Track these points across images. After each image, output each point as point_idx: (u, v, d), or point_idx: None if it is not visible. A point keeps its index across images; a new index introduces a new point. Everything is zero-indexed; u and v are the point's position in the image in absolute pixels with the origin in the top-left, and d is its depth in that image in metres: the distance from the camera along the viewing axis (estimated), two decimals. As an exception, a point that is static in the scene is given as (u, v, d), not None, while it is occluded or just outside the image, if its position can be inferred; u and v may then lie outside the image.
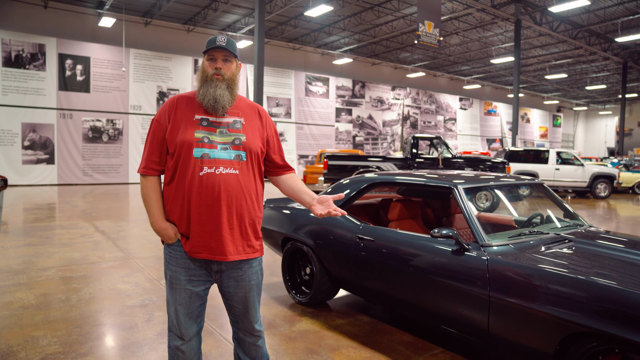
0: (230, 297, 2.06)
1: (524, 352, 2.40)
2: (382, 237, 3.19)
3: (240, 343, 2.19)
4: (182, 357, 2.07)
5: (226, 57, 2.01)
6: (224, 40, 1.99)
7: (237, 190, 1.96)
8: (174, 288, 2.02)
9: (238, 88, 2.07)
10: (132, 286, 4.39)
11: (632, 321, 1.97)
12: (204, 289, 2.05)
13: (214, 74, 1.98)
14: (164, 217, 2.01)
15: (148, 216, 2.01)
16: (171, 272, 2.03)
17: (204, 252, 1.96)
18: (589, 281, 2.19)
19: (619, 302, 2.04)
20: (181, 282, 2.01)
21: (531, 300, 2.31)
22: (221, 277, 2.03)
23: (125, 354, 2.92)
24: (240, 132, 2.02)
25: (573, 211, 3.53)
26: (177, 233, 2.00)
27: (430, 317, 2.93)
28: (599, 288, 2.14)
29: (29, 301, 3.87)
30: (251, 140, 2.03)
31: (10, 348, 2.95)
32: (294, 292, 3.98)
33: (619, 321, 2.01)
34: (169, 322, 2.07)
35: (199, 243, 1.95)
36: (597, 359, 2.12)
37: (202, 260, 2.00)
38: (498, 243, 2.67)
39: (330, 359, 2.92)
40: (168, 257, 2.05)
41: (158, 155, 2.02)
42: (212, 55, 2.01)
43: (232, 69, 2.03)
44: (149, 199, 2.02)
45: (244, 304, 2.07)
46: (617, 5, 17.10)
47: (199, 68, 2.07)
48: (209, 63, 2.01)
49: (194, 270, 2.01)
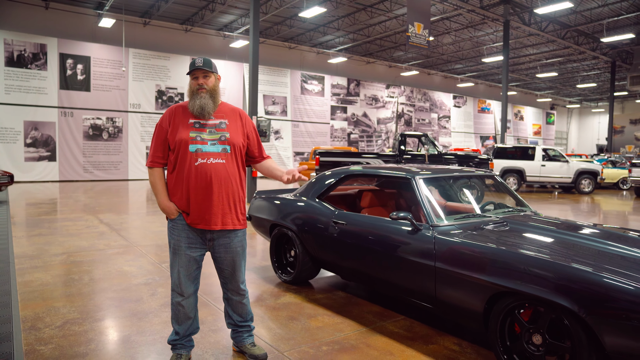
0: (221, 261, 2.65)
1: (462, 312, 2.93)
2: (352, 221, 3.72)
3: (229, 302, 2.77)
4: (183, 311, 2.63)
5: (205, 74, 2.60)
6: (201, 62, 2.58)
7: (224, 176, 2.55)
8: (177, 253, 2.60)
9: (220, 96, 2.67)
10: (136, 269, 4.92)
11: (538, 281, 2.50)
12: (199, 254, 2.64)
13: (198, 88, 2.57)
14: (168, 198, 2.59)
15: (156, 198, 2.61)
16: (174, 241, 2.60)
17: (200, 224, 2.55)
18: (509, 251, 2.72)
19: (529, 267, 2.57)
20: (182, 248, 2.59)
21: (466, 268, 2.83)
22: (213, 245, 2.63)
23: (134, 319, 3.45)
24: (225, 131, 2.61)
25: (521, 199, 4.06)
26: (178, 210, 2.59)
27: (393, 289, 3.45)
28: (516, 256, 2.67)
29: (47, 280, 4.39)
30: (234, 137, 2.62)
31: (37, 315, 3.48)
32: (280, 272, 4.51)
33: (528, 282, 2.54)
34: (172, 283, 2.63)
35: (196, 216, 2.54)
36: (513, 313, 2.66)
37: (199, 230, 2.58)
38: (445, 224, 3.20)
39: (307, 323, 3.45)
40: (171, 229, 2.62)
41: (161, 151, 2.61)
42: (194, 75, 2.60)
43: (212, 81, 2.62)
44: (156, 185, 2.61)
45: (232, 266, 2.66)
46: (602, 6, 17.63)
47: (187, 86, 2.65)
48: (193, 81, 2.60)
49: (192, 238, 2.59)
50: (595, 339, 2.33)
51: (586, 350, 2.34)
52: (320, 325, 3.42)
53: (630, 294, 2.21)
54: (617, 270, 2.40)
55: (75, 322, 3.37)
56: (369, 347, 3.06)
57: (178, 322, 2.68)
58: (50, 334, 3.14)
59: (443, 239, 3.03)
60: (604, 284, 2.30)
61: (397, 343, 3.13)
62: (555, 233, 3.12)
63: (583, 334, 2.34)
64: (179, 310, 2.65)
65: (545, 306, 2.51)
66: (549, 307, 2.49)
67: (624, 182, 17.96)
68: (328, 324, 3.44)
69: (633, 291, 2.21)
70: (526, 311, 2.64)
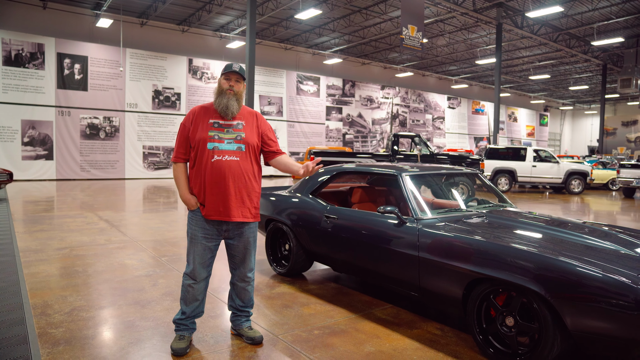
0: (233, 249, 2.94)
1: (443, 298, 3.17)
2: (343, 216, 3.96)
3: (234, 287, 3.06)
4: (192, 292, 2.92)
5: (238, 79, 2.88)
6: (237, 67, 2.87)
7: (238, 172, 2.81)
8: (193, 242, 2.87)
9: (243, 101, 2.94)
10: (137, 262, 5.13)
11: (510, 268, 2.74)
12: (214, 244, 2.91)
13: (228, 89, 2.84)
14: (189, 191, 2.87)
15: (178, 190, 2.89)
16: (192, 231, 2.88)
17: (215, 215, 2.82)
18: (485, 242, 2.96)
19: (503, 256, 2.81)
20: (198, 238, 2.86)
21: (447, 257, 3.08)
22: (228, 234, 2.91)
23: (137, 307, 3.67)
24: (241, 131, 2.87)
25: (503, 196, 4.32)
26: (197, 203, 2.86)
27: (381, 279, 3.69)
28: (491, 246, 2.91)
29: (52, 272, 4.60)
30: (249, 137, 2.89)
31: (46, 302, 3.69)
32: (275, 265, 4.74)
33: (502, 269, 2.78)
34: (186, 267, 2.91)
35: (212, 208, 2.81)
36: (489, 298, 2.90)
37: (215, 222, 2.86)
38: (429, 217, 3.44)
39: (300, 311, 3.68)
40: (190, 220, 2.90)
41: (184, 148, 2.88)
42: (228, 77, 2.86)
43: (241, 87, 2.90)
44: (179, 178, 2.89)
45: (242, 254, 2.95)
46: (593, 10, 17.98)
47: (217, 84, 2.91)
48: (225, 81, 2.85)
49: (208, 230, 2.87)
50: (559, 319, 2.58)
51: (551, 329, 2.58)
52: (313, 312, 3.65)
53: (590, 279, 2.45)
54: (579, 258, 2.65)
55: (82, 309, 3.59)
56: (357, 331, 3.30)
57: (186, 302, 2.92)
58: (59, 319, 3.35)
59: (426, 231, 3.27)
60: (568, 270, 2.54)
61: (384, 328, 3.37)
62: (528, 225, 3.37)
63: (549, 315, 2.59)
64: (189, 292, 2.90)
65: (517, 291, 2.75)
66: (520, 292, 2.73)
67: (613, 183, 18.32)
68: (320, 311, 3.67)
69: (592, 276, 2.46)
70: (500, 296, 2.88)
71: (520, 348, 2.76)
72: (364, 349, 3.01)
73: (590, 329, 2.45)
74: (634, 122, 38.85)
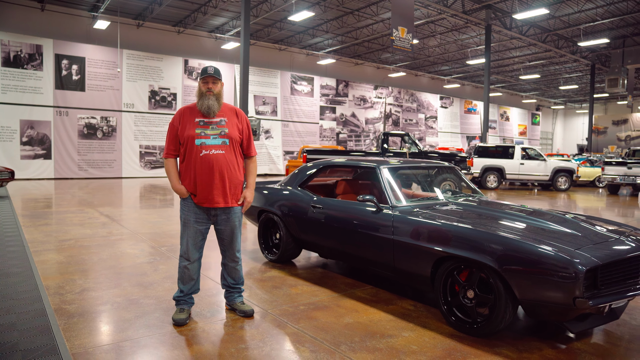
0: (222, 232, 3.32)
1: (414, 276, 3.57)
2: (328, 205, 4.36)
3: (225, 267, 3.42)
4: (188, 273, 3.30)
5: (214, 80, 3.24)
6: (212, 70, 3.23)
7: (224, 164, 3.20)
8: (186, 226, 3.26)
9: (222, 99, 3.31)
10: (139, 251, 5.51)
11: (469, 246, 3.14)
12: (205, 228, 3.30)
13: (207, 91, 3.20)
14: (180, 182, 3.25)
15: (169, 182, 3.27)
16: (185, 216, 3.27)
17: (205, 203, 3.21)
18: (449, 224, 3.36)
19: (463, 235, 3.21)
20: (190, 222, 3.25)
21: (416, 239, 3.47)
22: (217, 219, 3.29)
23: (141, 288, 4.05)
24: (224, 127, 3.25)
25: (474, 187, 4.73)
26: (187, 192, 3.23)
27: (361, 262, 4.08)
28: (454, 228, 3.31)
29: (60, 260, 4.97)
30: (232, 132, 3.27)
31: (58, 284, 4.07)
32: (266, 253, 5.13)
33: (462, 247, 3.18)
34: (180, 250, 3.30)
35: (202, 197, 3.19)
36: (453, 274, 3.30)
37: (205, 208, 3.25)
38: (403, 204, 3.84)
39: (288, 291, 4.07)
40: (183, 206, 3.29)
41: (174, 145, 3.26)
42: (205, 80, 3.23)
43: (219, 87, 3.26)
44: (170, 172, 3.27)
45: (230, 237, 3.34)
46: (579, 12, 18.46)
47: (197, 88, 3.27)
48: (203, 85, 3.22)
49: (199, 214, 3.26)
50: (511, 291, 2.98)
51: (504, 299, 2.98)
52: (299, 292, 4.04)
53: (535, 254, 2.86)
54: (528, 236, 3.05)
55: (91, 289, 3.96)
56: (339, 307, 3.69)
57: (183, 282, 3.31)
58: (71, 297, 3.73)
59: (400, 216, 3.67)
60: (516, 247, 2.94)
61: (363, 304, 3.76)
62: (490, 211, 3.77)
63: (501, 286, 2.99)
64: (185, 273, 3.29)
65: (476, 267, 3.15)
66: (478, 268, 3.14)
67: (600, 180, 18.80)
68: (306, 291, 4.06)
69: (537, 252, 2.86)
70: (463, 272, 3.28)
71: (480, 317, 3.16)
72: (344, 320, 3.41)
73: (535, 297, 2.86)
74: (624, 121, 39.51)
